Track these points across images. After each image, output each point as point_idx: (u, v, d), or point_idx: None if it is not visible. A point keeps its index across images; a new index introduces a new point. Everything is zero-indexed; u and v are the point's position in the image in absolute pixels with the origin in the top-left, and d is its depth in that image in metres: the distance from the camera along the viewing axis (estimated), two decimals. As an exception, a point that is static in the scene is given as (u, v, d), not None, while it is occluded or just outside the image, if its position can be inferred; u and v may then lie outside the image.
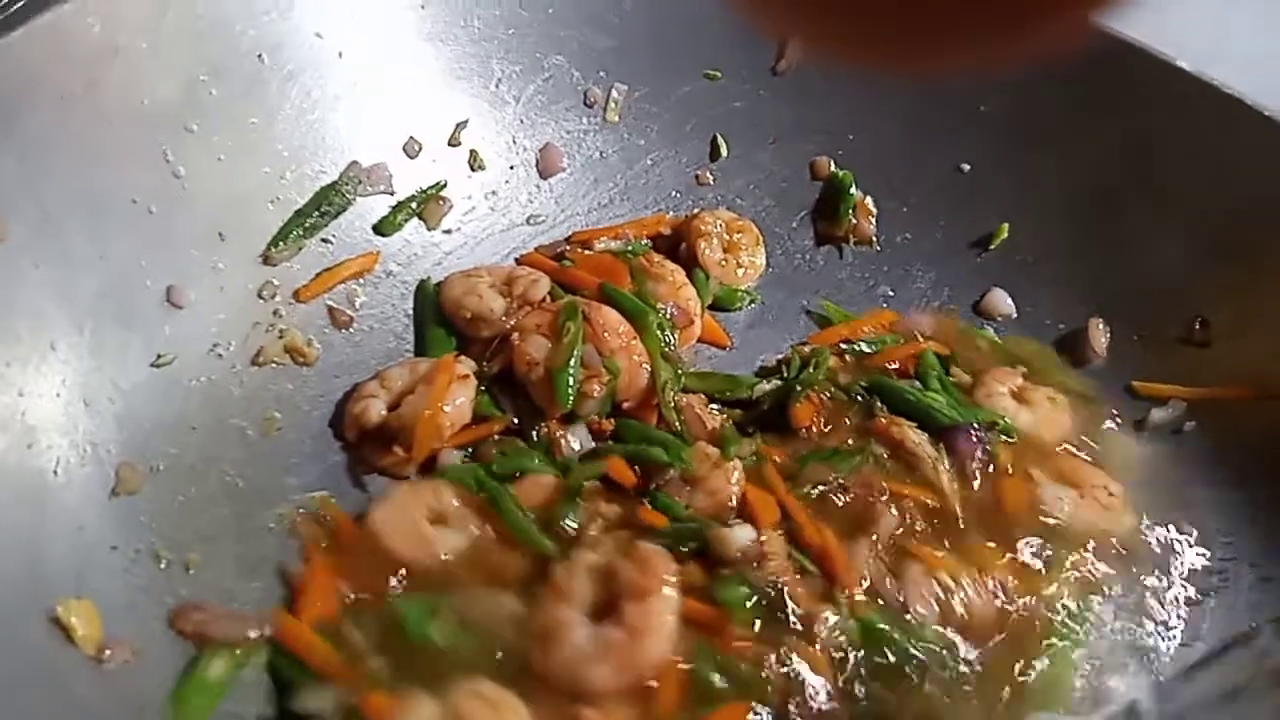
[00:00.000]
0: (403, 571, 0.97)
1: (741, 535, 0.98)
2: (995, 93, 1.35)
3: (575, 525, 1.02)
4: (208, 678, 0.84)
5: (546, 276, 1.26)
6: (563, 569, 0.95)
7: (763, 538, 0.99)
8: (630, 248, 1.37)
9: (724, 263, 1.39)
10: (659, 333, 1.21)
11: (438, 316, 1.23)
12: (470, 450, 1.13)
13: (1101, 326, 1.30)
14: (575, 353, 1.13)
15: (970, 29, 0.34)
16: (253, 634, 0.88)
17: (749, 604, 0.96)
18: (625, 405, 1.17)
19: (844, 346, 1.31)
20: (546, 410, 1.14)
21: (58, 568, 0.81)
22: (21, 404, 0.86)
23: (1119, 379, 1.28)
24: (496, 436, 1.14)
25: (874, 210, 1.44)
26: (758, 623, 0.95)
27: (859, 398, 1.22)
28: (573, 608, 0.92)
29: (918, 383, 1.25)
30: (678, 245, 1.41)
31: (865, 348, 1.31)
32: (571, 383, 1.12)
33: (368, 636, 0.92)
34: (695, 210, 1.44)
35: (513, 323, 1.20)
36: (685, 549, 0.99)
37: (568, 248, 1.36)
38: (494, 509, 1.02)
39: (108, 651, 0.79)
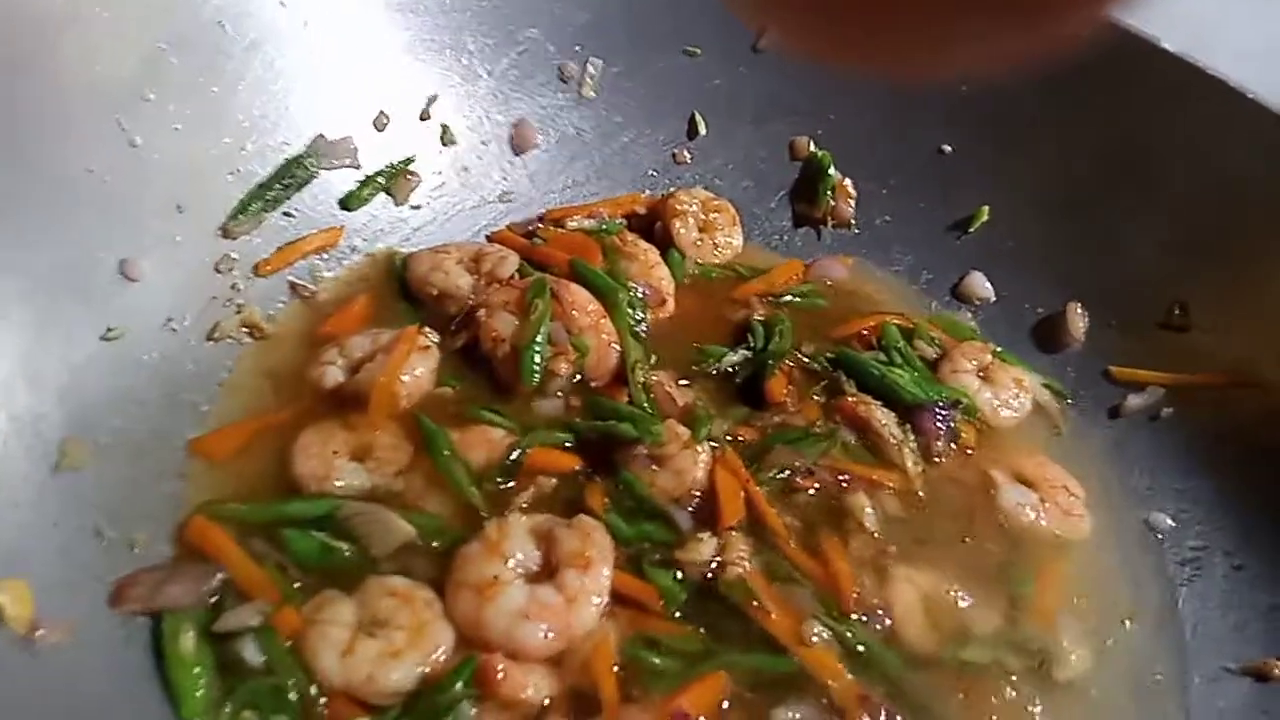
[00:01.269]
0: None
1: (707, 550, 0.97)
2: (976, 75, 1.32)
3: (508, 486, 1.02)
4: (184, 653, 0.82)
5: (515, 254, 1.24)
6: (494, 525, 0.94)
7: (719, 543, 0.98)
8: (604, 226, 1.35)
9: (700, 242, 1.37)
10: (629, 311, 1.19)
11: (402, 291, 1.21)
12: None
13: (1080, 311, 1.28)
14: (542, 330, 1.10)
15: (969, 32, 0.33)
16: (204, 588, 0.86)
17: (679, 587, 0.96)
18: (594, 384, 1.15)
19: (780, 299, 1.31)
20: (512, 386, 1.11)
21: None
22: (-39, 376, 0.83)
23: (1096, 364, 1.26)
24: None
25: (853, 193, 1.42)
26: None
27: (825, 368, 1.20)
28: (507, 566, 0.91)
29: (881, 355, 1.24)
30: (653, 224, 1.38)
31: (795, 299, 1.32)
32: (538, 360, 1.10)
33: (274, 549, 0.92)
34: (672, 189, 1.42)
35: (480, 300, 1.17)
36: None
37: (540, 226, 1.34)
38: (428, 451, 1.02)
39: (40, 631, 0.77)
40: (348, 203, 1.23)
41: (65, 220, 0.97)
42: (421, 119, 1.30)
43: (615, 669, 0.89)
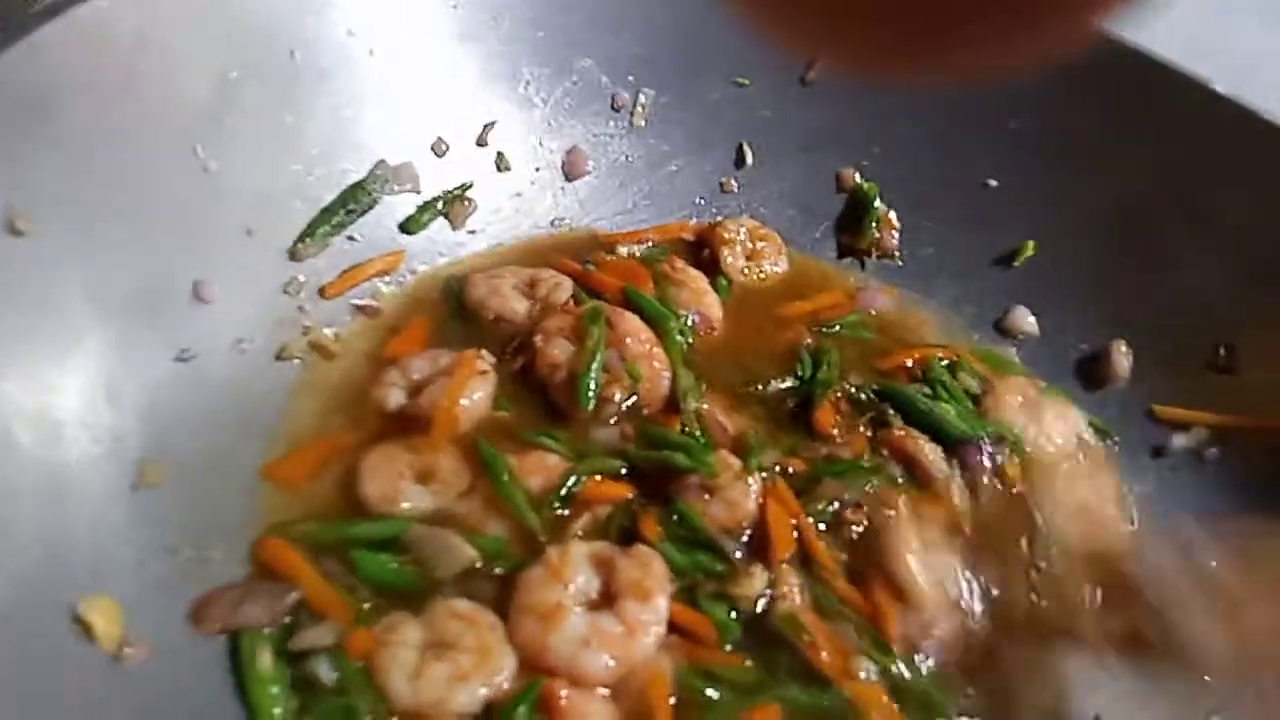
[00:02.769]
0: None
1: (759, 583, 0.99)
2: (1024, 109, 1.34)
3: (565, 513, 1.04)
4: (262, 672, 0.84)
5: (569, 279, 1.26)
6: (556, 551, 0.96)
7: (771, 577, 1.00)
8: (652, 253, 1.37)
9: (746, 270, 1.39)
10: (680, 339, 1.21)
11: (459, 312, 1.23)
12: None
13: (1124, 349, 1.29)
14: (598, 357, 1.13)
15: (968, 34, 0.34)
16: (280, 607, 0.88)
17: (734, 620, 0.98)
18: (645, 412, 1.16)
19: (827, 328, 1.33)
20: (567, 412, 1.14)
21: (76, 562, 0.81)
22: (48, 398, 0.86)
23: (1140, 403, 1.27)
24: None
25: (897, 225, 1.44)
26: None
27: (871, 400, 1.22)
28: (568, 592, 0.93)
29: (926, 388, 1.25)
30: (700, 251, 1.41)
31: (841, 329, 1.34)
32: (593, 386, 1.12)
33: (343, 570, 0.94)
34: (719, 217, 1.44)
35: (535, 324, 1.20)
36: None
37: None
38: (487, 473, 1.04)
39: (128, 649, 0.79)
40: (408, 226, 1.26)
41: (142, 243, 0.99)
42: (478, 145, 1.33)
43: (670, 700, 0.91)
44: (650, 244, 1.39)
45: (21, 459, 0.81)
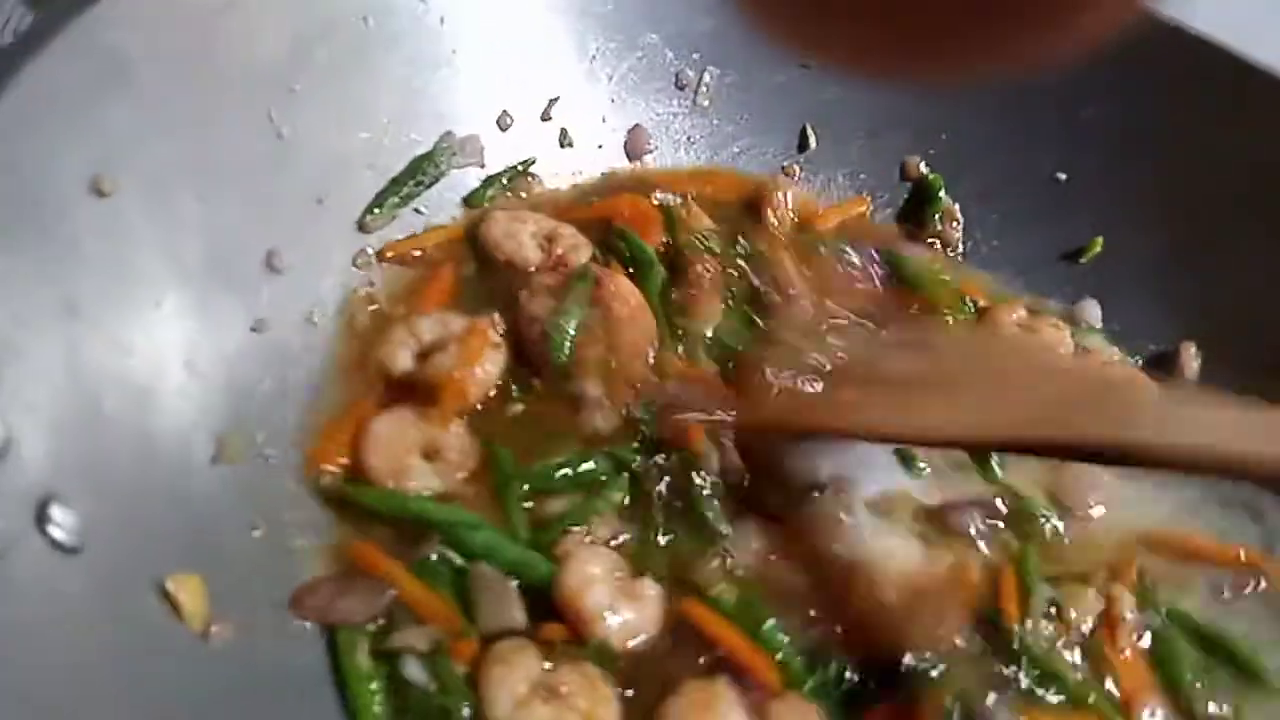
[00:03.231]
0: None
1: None
2: (1097, 101, 1.32)
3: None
4: (361, 668, 0.82)
5: (588, 244, 1.21)
6: (699, 686, 0.89)
7: None
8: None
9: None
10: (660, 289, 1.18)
11: (479, 256, 1.18)
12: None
13: (1194, 351, 1.28)
14: (575, 310, 1.07)
15: (968, 33, 0.33)
16: (377, 604, 0.86)
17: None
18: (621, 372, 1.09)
19: None
20: (539, 366, 1.08)
21: (163, 535, 0.79)
22: (131, 363, 0.83)
23: (1209, 406, 1.25)
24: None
25: (959, 218, 1.41)
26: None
27: None
28: None
29: None
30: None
31: None
32: (568, 341, 1.06)
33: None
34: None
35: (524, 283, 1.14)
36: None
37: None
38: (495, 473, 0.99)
39: (214, 628, 0.77)
40: (472, 201, 1.24)
41: (218, 209, 0.96)
42: (543, 120, 1.30)
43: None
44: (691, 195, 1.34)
45: (109, 424, 0.78)
